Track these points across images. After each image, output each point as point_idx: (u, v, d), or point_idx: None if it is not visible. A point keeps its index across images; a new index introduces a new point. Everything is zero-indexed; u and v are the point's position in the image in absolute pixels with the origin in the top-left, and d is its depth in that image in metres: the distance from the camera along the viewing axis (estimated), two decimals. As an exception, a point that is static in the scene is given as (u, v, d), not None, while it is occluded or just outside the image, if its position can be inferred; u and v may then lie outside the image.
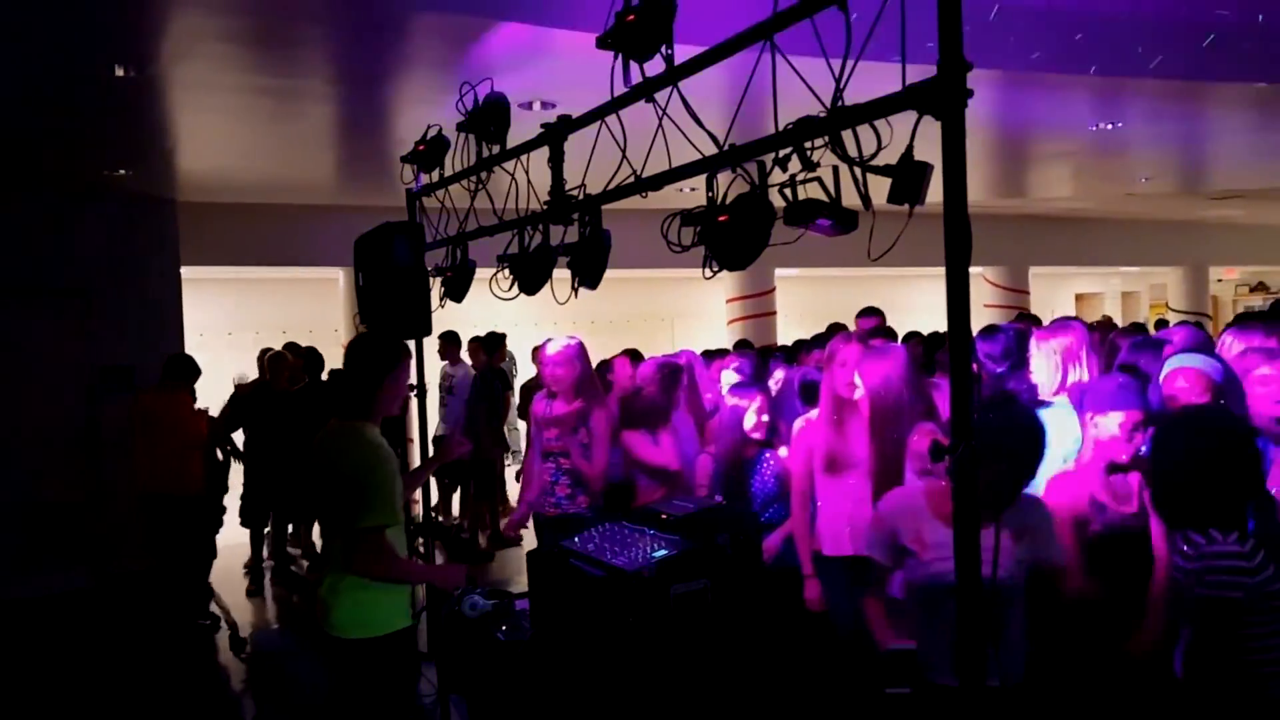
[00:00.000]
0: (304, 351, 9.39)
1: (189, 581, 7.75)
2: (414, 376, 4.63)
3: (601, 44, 3.10)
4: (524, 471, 6.19)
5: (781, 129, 2.54)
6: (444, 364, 10.33)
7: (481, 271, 4.58)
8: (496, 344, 10.35)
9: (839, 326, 7.25)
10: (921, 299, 15.77)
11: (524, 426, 10.09)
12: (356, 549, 3.63)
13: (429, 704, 5.40)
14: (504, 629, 3.95)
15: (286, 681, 6.65)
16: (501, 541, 9.92)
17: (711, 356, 7.80)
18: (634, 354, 7.66)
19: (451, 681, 4.75)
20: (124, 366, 9.27)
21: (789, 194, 2.57)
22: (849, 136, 2.37)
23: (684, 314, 16.35)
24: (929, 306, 13.95)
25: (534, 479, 5.76)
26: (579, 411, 5.50)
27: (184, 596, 7.70)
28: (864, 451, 4.44)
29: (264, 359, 9.36)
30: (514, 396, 10.67)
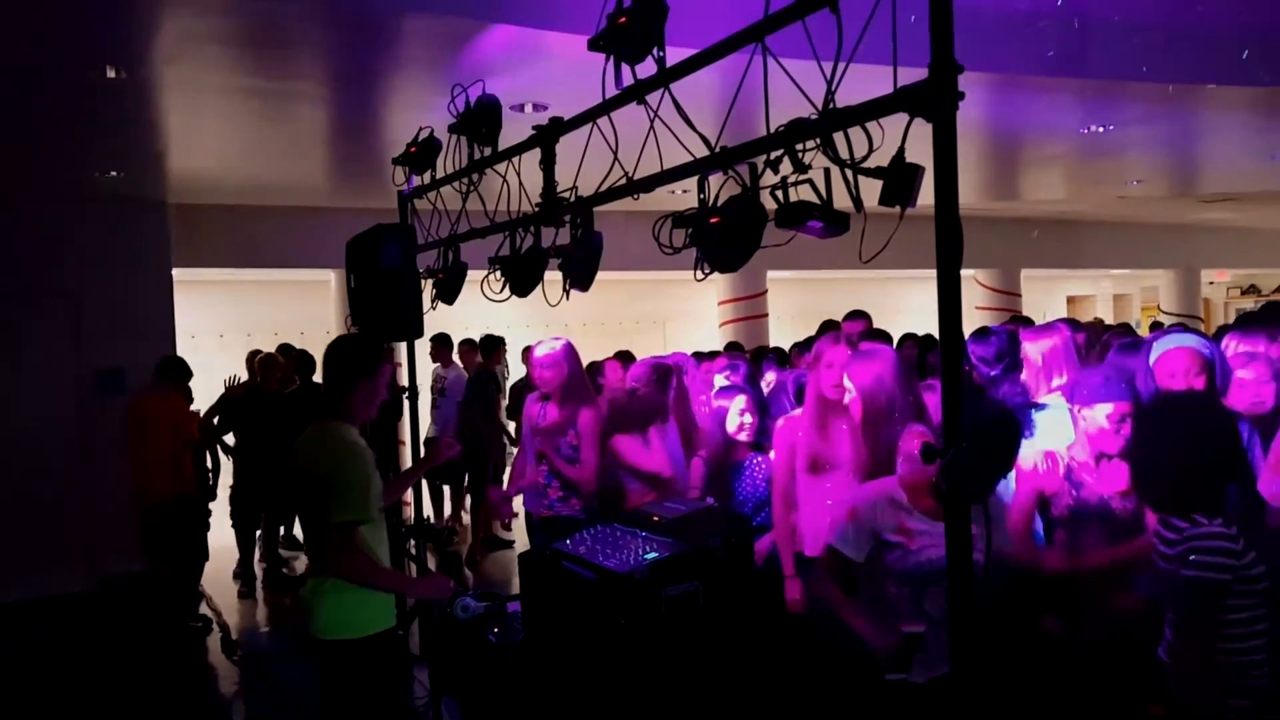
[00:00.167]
0: (296, 353, 9.38)
1: (181, 583, 7.73)
2: (405, 379, 4.63)
3: (593, 46, 3.10)
4: (514, 468, 6.20)
5: (773, 131, 2.54)
6: (435, 366, 10.32)
7: (473, 273, 4.58)
8: (494, 346, 10.36)
9: (831, 324, 7.24)
10: (913, 301, 15.77)
11: (512, 426, 10.10)
12: (327, 545, 3.64)
13: (421, 705, 5.40)
14: (496, 631, 3.95)
15: (278, 684, 6.63)
16: (493, 543, 9.93)
17: (702, 359, 7.78)
18: (625, 356, 7.67)
19: (444, 683, 4.74)
20: (116, 369, 9.25)
21: (781, 196, 2.57)
22: (840, 138, 2.37)
23: (676, 316, 16.33)
24: (921, 309, 13.94)
25: (525, 475, 5.77)
26: (566, 414, 5.48)
27: (177, 598, 7.68)
28: (847, 453, 4.41)
29: (254, 361, 9.34)
30: (504, 399, 10.66)
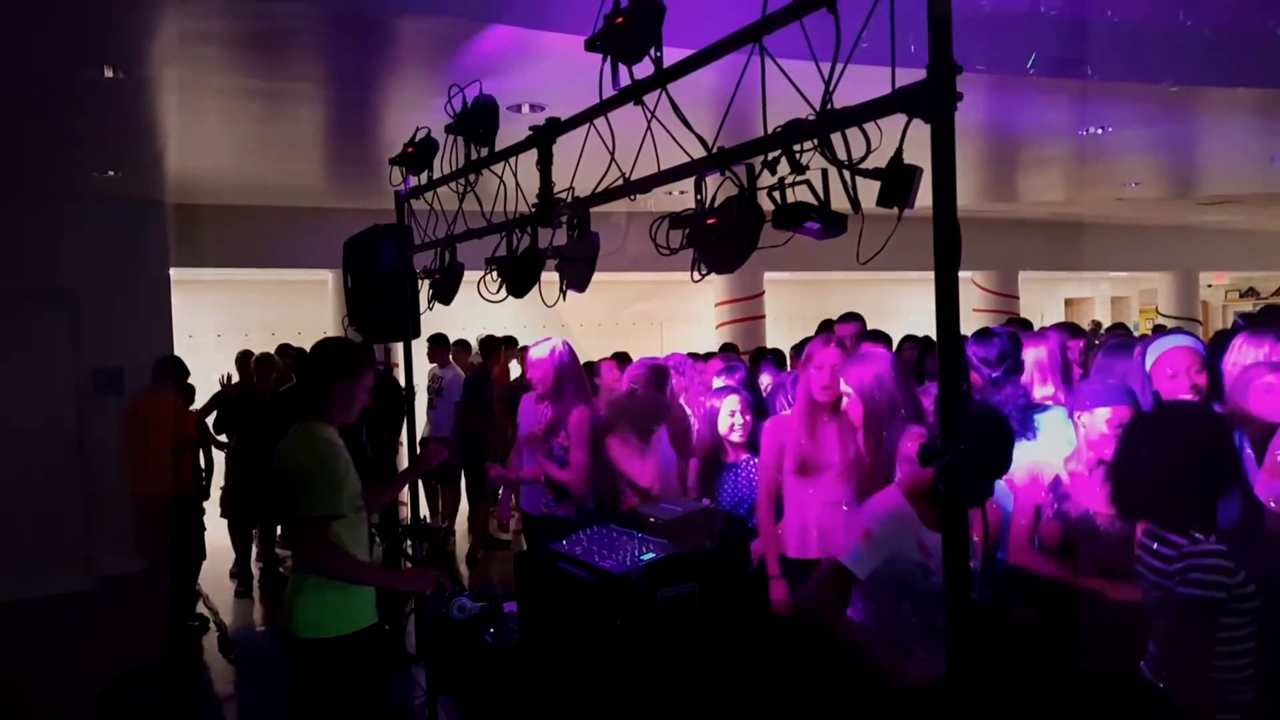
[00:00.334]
0: (294, 353, 9.38)
1: (178, 582, 7.72)
2: (402, 379, 4.62)
3: (590, 46, 3.10)
4: (512, 468, 6.18)
5: (770, 132, 2.54)
6: (432, 366, 10.31)
7: (471, 274, 4.57)
8: (493, 347, 10.39)
9: (830, 326, 7.23)
10: (911, 303, 15.77)
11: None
12: (301, 540, 3.65)
13: (418, 705, 5.40)
14: (492, 631, 3.94)
15: (274, 683, 6.62)
16: (490, 543, 9.93)
17: (697, 360, 7.77)
18: (622, 357, 7.66)
19: (440, 683, 4.74)
20: (114, 368, 9.24)
21: (778, 197, 2.56)
22: (838, 139, 2.36)
23: (673, 318, 16.32)
24: (919, 310, 13.95)
25: (523, 469, 5.78)
26: (558, 414, 5.44)
27: (174, 597, 7.66)
28: (835, 455, 4.41)
29: (249, 362, 9.34)
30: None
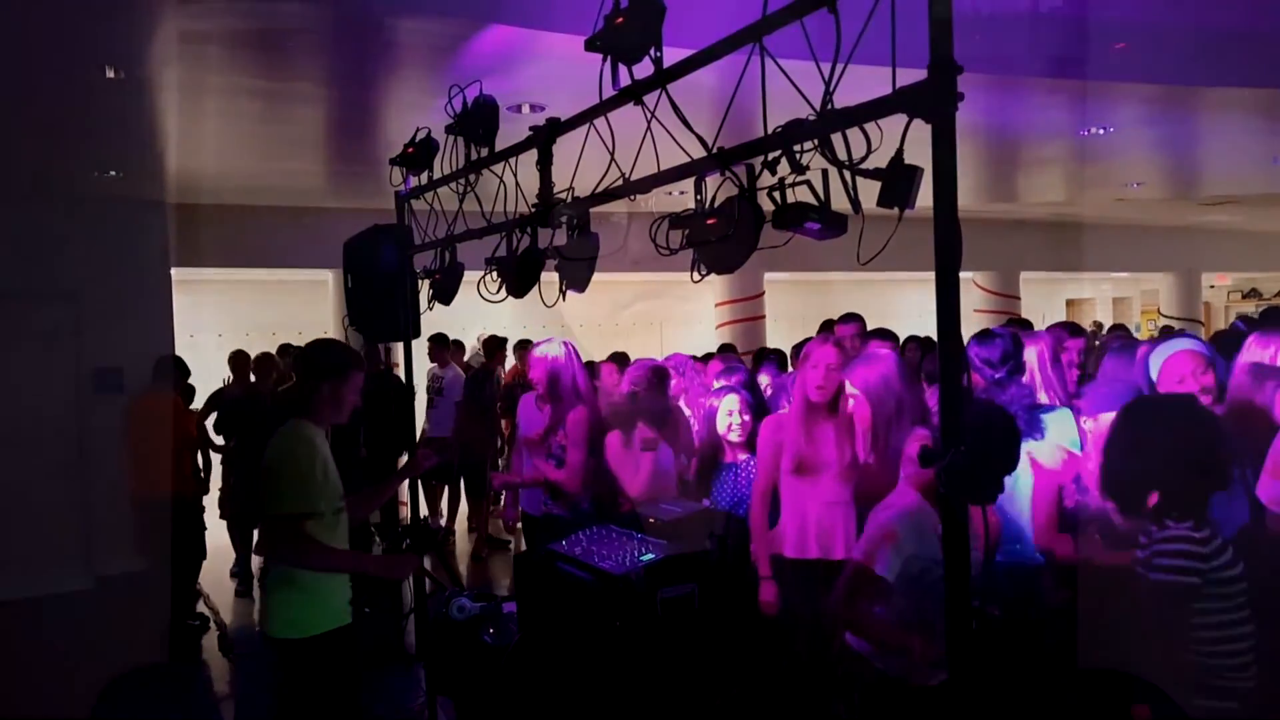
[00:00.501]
0: (294, 353, 9.38)
1: (178, 582, 7.71)
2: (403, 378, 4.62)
3: (590, 46, 3.08)
4: (512, 469, 6.16)
5: (771, 132, 2.53)
6: (432, 366, 10.30)
7: (471, 274, 4.56)
8: (496, 347, 10.41)
9: (830, 325, 7.22)
10: (912, 304, 15.75)
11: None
12: (271, 536, 3.65)
13: (417, 705, 5.40)
14: (491, 632, 3.94)
15: (274, 683, 6.61)
16: (491, 543, 9.92)
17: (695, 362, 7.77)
18: (620, 358, 7.65)
19: (440, 683, 4.74)
20: (114, 368, 9.23)
21: (778, 197, 2.56)
22: (838, 140, 2.36)
23: (673, 318, 16.31)
24: (919, 311, 13.92)
25: (523, 473, 5.77)
26: (556, 415, 5.43)
27: (174, 597, 7.66)
28: (832, 455, 4.40)
29: (245, 361, 9.34)
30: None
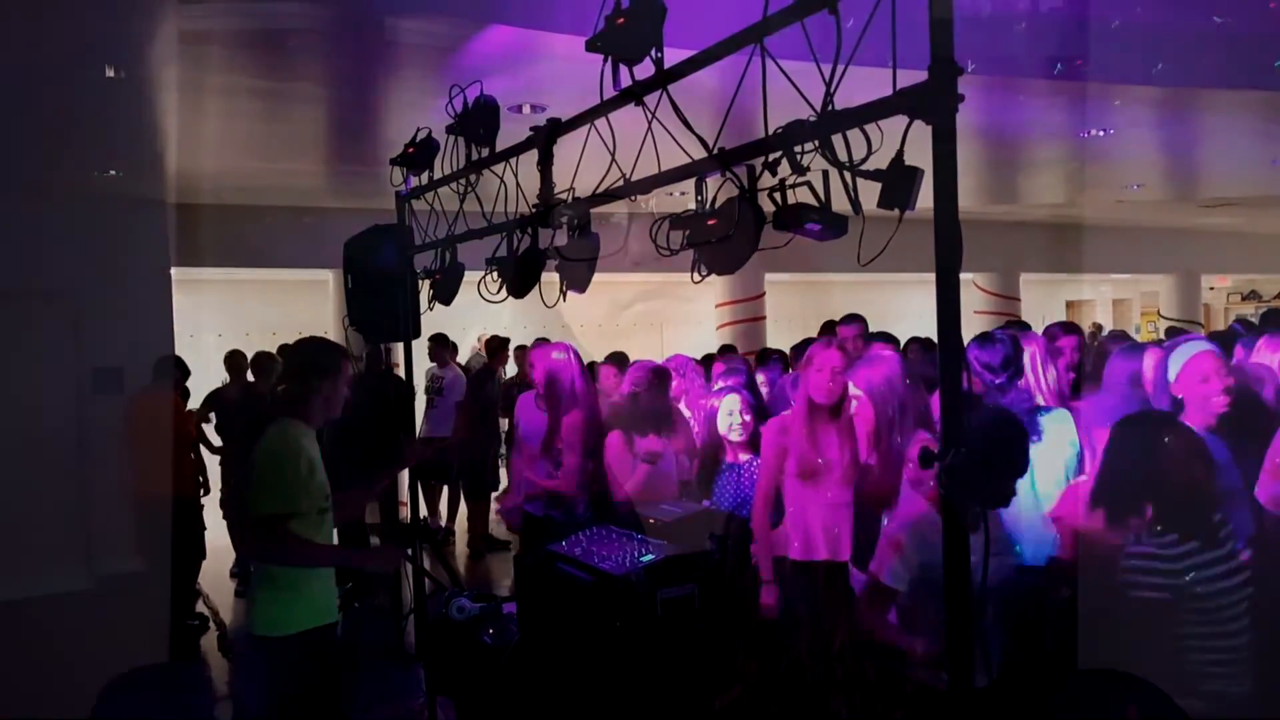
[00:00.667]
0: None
1: (178, 582, 7.70)
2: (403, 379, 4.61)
3: (591, 47, 3.08)
4: (511, 470, 6.15)
5: (771, 133, 2.53)
6: (431, 366, 10.27)
7: (470, 274, 4.56)
8: (498, 347, 10.48)
9: (832, 326, 7.21)
10: (912, 305, 15.73)
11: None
12: (252, 536, 3.66)
13: (417, 705, 5.39)
14: (491, 632, 3.94)
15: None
16: (490, 544, 9.91)
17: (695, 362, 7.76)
18: (619, 359, 7.63)
19: (440, 683, 4.73)
20: (114, 368, 9.22)
21: (779, 198, 2.56)
22: (839, 141, 2.36)
23: (673, 319, 16.30)
24: (920, 313, 13.90)
25: (522, 476, 5.76)
26: (553, 417, 5.43)
27: (174, 597, 7.65)
28: (836, 456, 4.39)
29: (242, 361, 9.33)
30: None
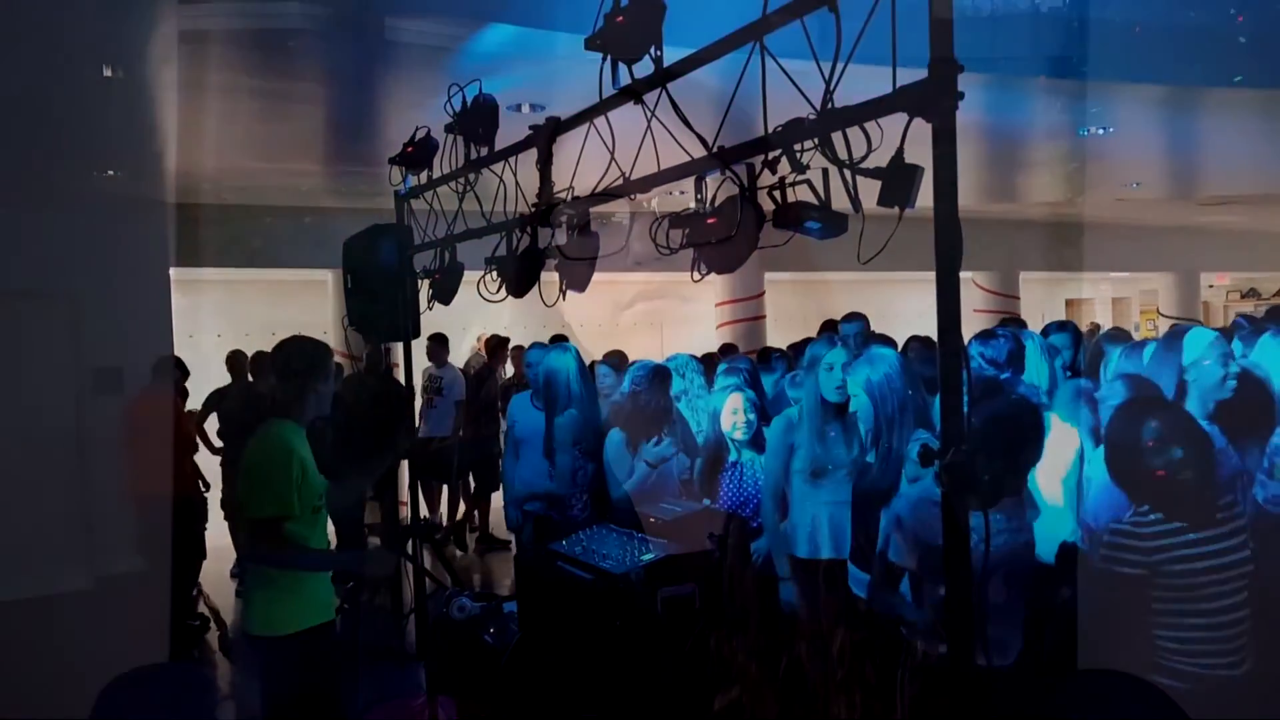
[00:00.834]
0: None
1: (178, 582, 7.70)
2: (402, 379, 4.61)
3: (590, 45, 3.08)
4: (507, 472, 6.13)
5: (771, 131, 2.53)
6: (429, 366, 10.25)
7: (470, 274, 4.56)
8: (498, 347, 10.52)
9: (832, 325, 7.21)
10: (912, 304, 15.71)
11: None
12: (248, 538, 3.65)
13: (417, 705, 5.39)
14: (491, 632, 3.94)
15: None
16: (490, 543, 9.91)
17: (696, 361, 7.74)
18: (618, 358, 7.63)
19: (440, 683, 4.73)
20: (113, 368, 9.21)
21: (778, 197, 2.56)
22: (839, 139, 2.36)
23: (673, 318, 16.28)
24: (920, 311, 13.88)
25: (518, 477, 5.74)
26: (551, 420, 5.42)
27: (174, 597, 7.64)
28: (842, 455, 4.38)
29: (242, 361, 9.33)
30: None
